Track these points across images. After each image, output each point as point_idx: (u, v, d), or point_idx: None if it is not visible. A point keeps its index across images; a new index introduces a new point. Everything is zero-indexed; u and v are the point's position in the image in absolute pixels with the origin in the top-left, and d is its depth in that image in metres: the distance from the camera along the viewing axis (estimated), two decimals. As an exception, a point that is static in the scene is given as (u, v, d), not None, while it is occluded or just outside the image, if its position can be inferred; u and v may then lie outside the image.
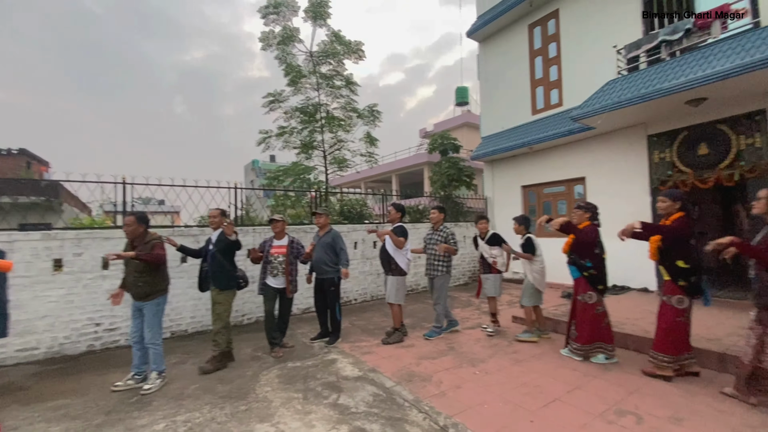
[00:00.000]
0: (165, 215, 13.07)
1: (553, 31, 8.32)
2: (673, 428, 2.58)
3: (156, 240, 3.53)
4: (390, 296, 4.74)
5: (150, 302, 3.48)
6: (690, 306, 3.28)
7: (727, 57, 4.79)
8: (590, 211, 3.95)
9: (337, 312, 4.69)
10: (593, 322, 3.85)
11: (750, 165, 5.38)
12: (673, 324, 3.31)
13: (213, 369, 3.81)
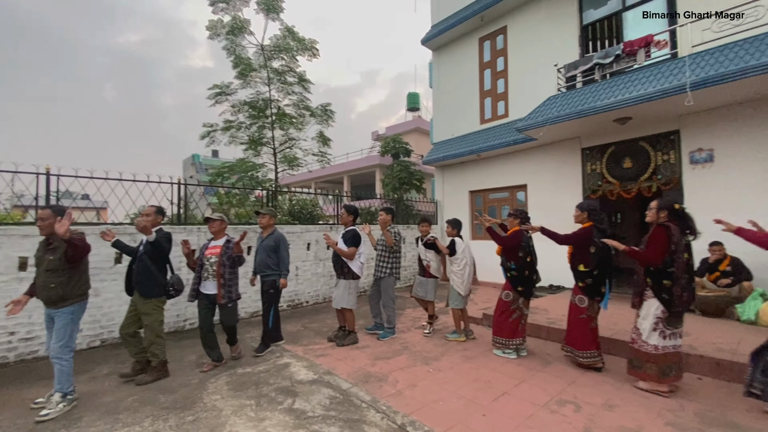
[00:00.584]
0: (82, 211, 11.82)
1: (502, 46, 8.85)
2: (607, 414, 2.86)
3: (77, 235, 3.05)
4: (342, 301, 4.63)
5: (63, 310, 3.00)
6: (591, 305, 3.65)
7: (649, 82, 5.44)
8: (518, 217, 4.25)
9: (270, 318, 4.38)
10: (504, 317, 4.16)
11: (665, 179, 6.15)
12: (576, 321, 3.71)
13: (152, 380, 3.51)
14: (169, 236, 3.65)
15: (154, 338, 3.54)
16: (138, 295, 3.54)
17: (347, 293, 4.64)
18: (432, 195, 20.71)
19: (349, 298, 4.65)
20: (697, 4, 5.74)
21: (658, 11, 6.39)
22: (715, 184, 5.63)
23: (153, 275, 3.54)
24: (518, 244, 4.12)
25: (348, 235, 4.64)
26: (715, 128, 5.69)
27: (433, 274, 5.02)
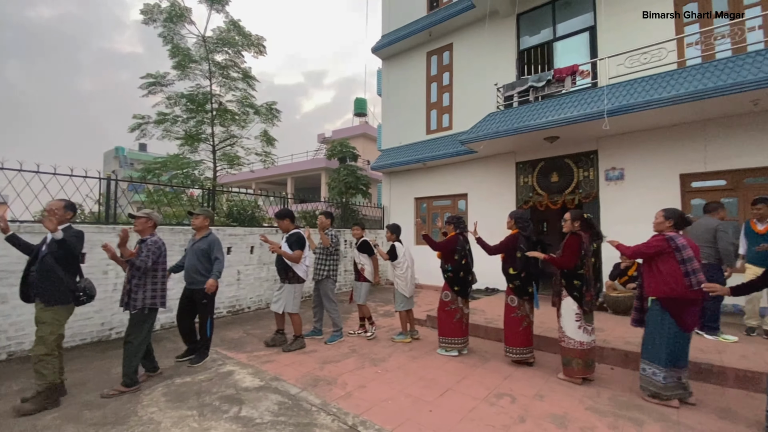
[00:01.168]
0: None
1: (448, 62, 9.35)
2: (539, 403, 3.17)
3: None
4: (287, 305, 4.52)
5: None
6: (521, 304, 4.05)
7: (574, 106, 6.13)
8: (452, 223, 4.58)
9: (208, 327, 4.07)
10: (447, 317, 4.45)
11: (585, 193, 6.94)
12: (509, 319, 4.10)
13: (36, 409, 2.87)
14: (80, 235, 3.20)
15: (43, 354, 2.95)
16: (38, 302, 3.03)
17: (292, 297, 4.54)
18: (378, 200, 21.03)
19: (294, 303, 4.56)
20: (613, 42, 6.62)
21: (582, 44, 7.24)
22: (624, 198, 6.48)
23: (58, 279, 3.05)
24: (453, 248, 4.42)
25: (293, 238, 4.54)
26: (625, 150, 6.56)
27: (366, 278, 5.09)
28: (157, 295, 3.50)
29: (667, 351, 3.09)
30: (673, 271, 3.05)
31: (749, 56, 5.01)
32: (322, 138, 28.07)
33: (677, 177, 6.06)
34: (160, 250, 3.51)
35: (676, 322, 3.08)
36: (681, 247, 3.06)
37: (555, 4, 7.68)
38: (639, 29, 6.42)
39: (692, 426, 2.79)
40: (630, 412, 3.02)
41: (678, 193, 6.02)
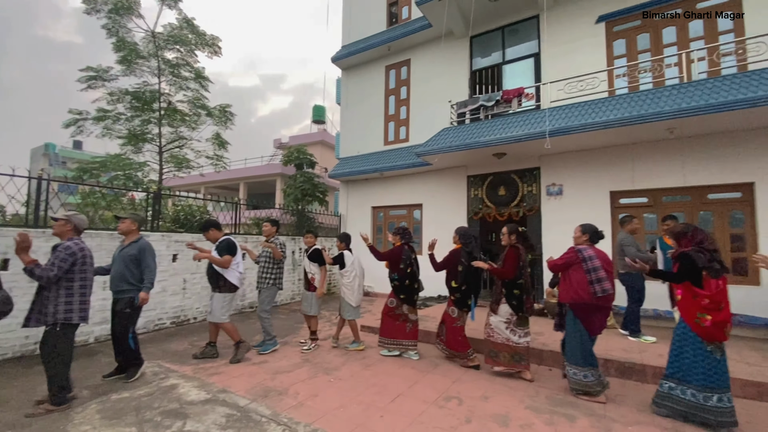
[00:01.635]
0: None
1: (406, 77, 9.67)
2: (484, 404, 3.35)
3: None
4: (214, 314, 4.35)
5: None
6: (461, 315, 4.34)
7: (519, 126, 6.60)
8: (398, 234, 4.82)
9: (130, 339, 3.74)
10: (391, 321, 4.69)
11: (529, 206, 7.45)
12: (451, 328, 4.38)
13: None
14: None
15: None
16: None
17: (220, 306, 4.36)
18: (335, 208, 20.92)
19: (222, 311, 4.37)
20: (555, 68, 7.25)
21: (528, 69, 7.83)
22: (563, 212, 7.03)
23: None
24: (399, 258, 4.64)
25: (222, 245, 4.40)
26: (564, 168, 7.15)
27: (317, 287, 5.03)
28: (74, 309, 3.10)
29: (582, 352, 3.47)
30: (581, 279, 3.44)
31: (666, 89, 5.73)
32: (279, 143, 27.52)
33: (608, 194, 6.70)
34: (74, 256, 3.10)
35: (584, 327, 3.46)
36: (588, 258, 3.46)
37: (504, 30, 8.26)
38: (577, 59, 7.09)
39: (616, 419, 3.10)
40: (564, 408, 3.28)
41: (608, 208, 6.66)
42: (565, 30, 7.37)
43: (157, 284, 5.77)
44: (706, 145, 5.96)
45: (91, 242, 5.02)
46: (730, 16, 6.09)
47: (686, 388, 3.00)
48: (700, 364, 2.95)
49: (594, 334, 3.50)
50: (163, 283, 5.93)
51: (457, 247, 4.43)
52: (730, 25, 6.10)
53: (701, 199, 6.06)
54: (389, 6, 10.30)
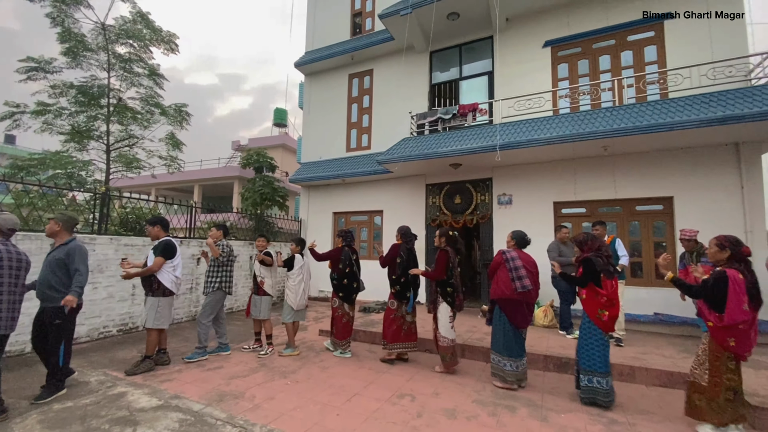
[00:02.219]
0: None
1: (368, 86, 9.90)
2: (434, 400, 3.56)
3: None
4: (147, 320, 4.16)
5: None
6: (399, 307, 4.64)
7: (474, 139, 7.02)
8: (341, 236, 5.12)
9: (60, 355, 3.41)
10: (336, 320, 4.96)
11: (482, 214, 7.89)
12: (389, 319, 4.67)
13: None
14: None
15: None
16: None
17: (154, 312, 4.18)
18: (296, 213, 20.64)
19: (156, 318, 4.18)
20: (506, 87, 7.79)
21: (483, 85, 8.34)
22: (512, 220, 7.52)
23: None
24: (338, 258, 4.93)
25: (159, 246, 4.24)
26: (513, 179, 7.67)
27: (267, 291, 5.02)
28: (1, 317, 2.93)
29: (504, 343, 3.89)
30: (505, 277, 3.89)
31: (602, 111, 6.37)
32: (237, 145, 26.76)
33: (551, 204, 7.28)
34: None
35: (509, 320, 3.88)
36: (511, 258, 3.96)
37: (462, 48, 8.74)
38: (526, 79, 7.67)
39: (551, 408, 3.43)
40: (506, 401, 3.57)
41: (552, 217, 7.23)
42: (516, 52, 7.96)
43: (103, 290, 5.54)
44: (634, 162, 6.67)
45: (30, 245, 4.71)
46: (655, 49, 6.90)
47: (592, 376, 3.48)
48: (603, 353, 3.45)
49: (520, 327, 3.90)
50: (110, 289, 5.65)
51: (398, 242, 4.79)
52: (655, 57, 6.91)
53: (630, 211, 6.77)
54: (353, 16, 10.52)
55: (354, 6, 10.55)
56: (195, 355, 4.64)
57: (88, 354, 4.76)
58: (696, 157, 6.29)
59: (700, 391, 2.97)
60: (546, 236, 6.67)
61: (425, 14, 7.99)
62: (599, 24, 7.27)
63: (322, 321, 7.00)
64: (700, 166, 6.25)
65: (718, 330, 2.86)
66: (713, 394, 2.89)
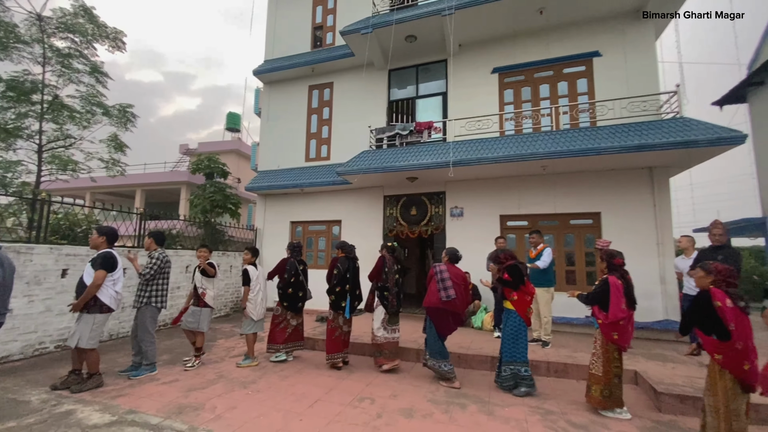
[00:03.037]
0: None
1: (328, 98, 10.09)
2: (393, 401, 3.80)
3: None
4: (81, 339, 3.83)
5: None
6: (335, 317, 4.95)
7: (429, 155, 7.46)
8: (289, 249, 5.39)
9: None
10: (274, 327, 5.20)
11: (436, 225, 8.35)
12: (328, 330, 4.98)
13: None
14: None
15: None
16: None
17: (89, 329, 3.88)
18: (248, 221, 20.02)
19: (92, 336, 3.90)
20: (459, 107, 8.38)
21: (438, 105, 8.89)
22: (464, 231, 8.05)
23: None
24: (283, 269, 5.20)
25: (97, 259, 3.99)
26: (465, 193, 8.23)
27: (208, 303, 4.93)
28: None
29: (437, 348, 4.39)
30: (434, 288, 4.38)
31: (541, 135, 7.10)
32: (185, 149, 25.52)
33: (498, 217, 7.91)
34: None
35: (435, 327, 4.37)
36: (439, 272, 4.48)
37: (418, 68, 9.26)
38: (476, 101, 8.31)
39: (497, 403, 3.80)
40: (458, 399, 3.90)
41: (498, 229, 7.85)
42: (467, 75, 8.60)
43: (40, 303, 5.18)
44: (569, 181, 7.48)
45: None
46: (586, 82, 7.83)
47: (519, 366, 4.09)
48: (526, 345, 4.12)
49: (443, 334, 4.38)
50: (47, 302, 5.26)
51: (339, 255, 5.10)
52: (586, 89, 7.84)
53: (565, 224, 7.55)
54: (314, 29, 10.71)
55: (315, 19, 10.75)
56: (142, 372, 4.42)
57: (23, 372, 4.42)
58: (619, 179, 7.20)
59: (597, 381, 3.59)
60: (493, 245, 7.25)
61: (385, 35, 8.40)
62: (540, 56, 8.10)
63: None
64: (622, 187, 7.17)
65: (605, 326, 3.53)
66: (606, 381, 3.53)
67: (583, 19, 7.80)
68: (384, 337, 4.80)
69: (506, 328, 4.16)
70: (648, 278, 6.71)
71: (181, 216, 14.30)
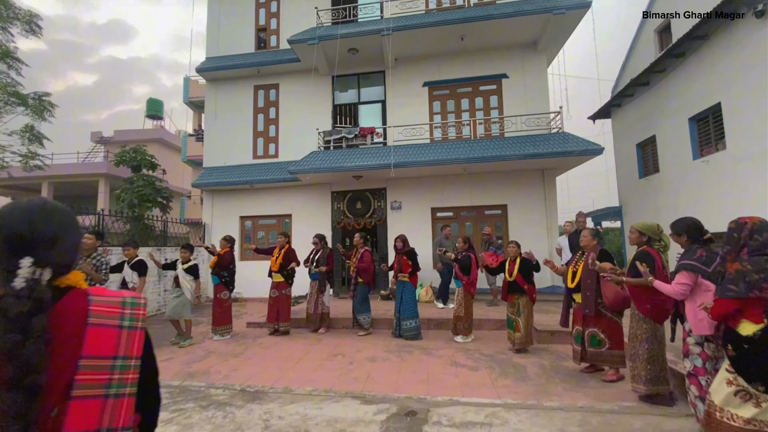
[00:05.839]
0: None
1: (274, 99, 10.71)
2: (359, 354, 5.05)
3: None
4: None
5: None
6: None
7: (372, 157, 8.69)
8: (228, 241, 6.34)
9: None
10: (226, 311, 6.17)
11: (378, 217, 9.67)
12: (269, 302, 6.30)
13: None
14: None
15: None
16: None
17: None
18: (181, 215, 19.35)
19: None
20: (396, 115, 9.70)
21: (378, 111, 10.12)
22: (402, 222, 9.46)
23: None
24: (231, 260, 6.21)
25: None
26: (403, 189, 9.64)
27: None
28: None
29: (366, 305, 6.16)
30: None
31: (462, 143, 8.73)
32: (99, 137, 23.40)
33: (429, 209, 9.48)
34: None
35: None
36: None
37: (360, 76, 10.36)
38: (411, 110, 9.70)
39: (433, 348, 5.25)
40: (406, 349, 5.28)
41: (429, 219, 9.43)
42: (403, 86, 9.94)
43: None
44: (483, 179, 9.28)
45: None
46: (497, 98, 9.66)
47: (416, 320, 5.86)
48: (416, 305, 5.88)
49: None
50: None
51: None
52: (497, 105, 9.67)
53: (481, 214, 9.39)
54: (258, 31, 11.13)
55: (258, 21, 11.16)
56: None
57: None
58: (520, 178, 9.18)
59: (460, 319, 5.51)
60: (426, 232, 8.85)
61: (330, 46, 9.33)
62: (462, 74, 9.74)
63: (242, 317, 7.75)
64: (522, 184, 9.16)
65: (467, 285, 5.47)
66: (467, 318, 5.48)
67: (494, 46, 9.56)
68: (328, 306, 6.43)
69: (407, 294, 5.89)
70: (540, 254, 8.74)
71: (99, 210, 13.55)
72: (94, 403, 0.81)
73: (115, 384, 0.83)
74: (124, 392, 0.84)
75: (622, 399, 3.45)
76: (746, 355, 2.07)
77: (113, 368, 0.84)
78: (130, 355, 0.87)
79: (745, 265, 2.09)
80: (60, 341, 0.81)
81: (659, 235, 3.35)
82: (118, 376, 0.84)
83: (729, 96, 6.92)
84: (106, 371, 0.83)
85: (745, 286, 2.05)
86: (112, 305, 0.88)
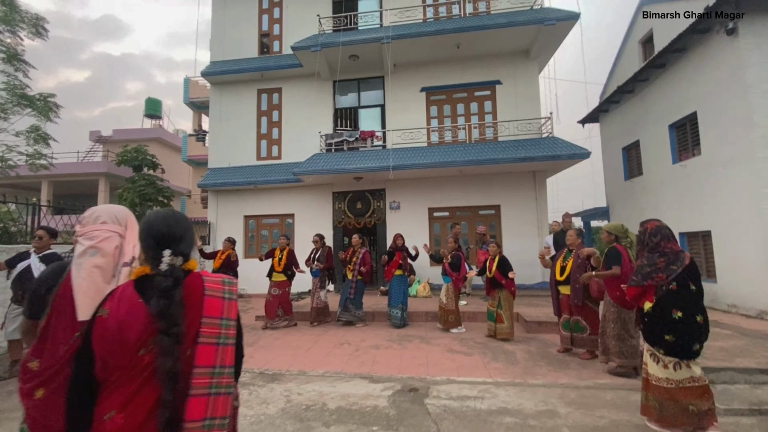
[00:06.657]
0: None
1: (278, 102, 11.10)
2: (364, 343, 5.50)
3: None
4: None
5: None
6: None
7: (373, 160, 9.14)
8: (232, 243, 6.86)
9: None
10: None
11: (378, 217, 10.13)
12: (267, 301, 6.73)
13: None
14: None
15: None
16: None
17: None
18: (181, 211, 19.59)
19: None
20: (395, 119, 10.15)
21: (378, 115, 10.56)
22: (401, 221, 9.92)
23: None
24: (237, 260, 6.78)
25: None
26: (401, 190, 10.10)
27: None
28: None
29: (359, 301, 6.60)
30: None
31: (458, 146, 9.21)
32: (98, 136, 23.56)
33: (426, 209, 9.96)
34: None
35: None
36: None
37: (360, 81, 10.80)
38: (409, 115, 10.16)
39: (431, 338, 5.72)
40: (407, 338, 5.75)
41: (426, 219, 9.90)
42: (401, 91, 10.39)
43: None
44: (479, 181, 9.77)
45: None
46: (491, 104, 10.15)
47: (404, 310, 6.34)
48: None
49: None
50: None
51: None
52: (491, 110, 10.16)
53: (476, 214, 9.88)
54: (261, 36, 11.51)
55: (261, 27, 11.54)
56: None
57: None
58: (513, 180, 9.68)
59: (449, 312, 5.99)
60: (423, 231, 9.33)
61: (332, 53, 9.74)
62: (458, 80, 10.21)
63: (249, 312, 8.16)
64: (515, 186, 9.67)
65: (456, 280, 5.93)
66: (454, 310, 5.95)
67: (489, 54, 10.05)
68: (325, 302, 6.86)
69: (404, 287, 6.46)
70: (530, 252, 9.28)
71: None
72: (211, 348, 1.25)
73: (222, 336, 1.26)
74: (228, 342, 1.27)
75: (598, 378, 3.95)
76: (647, 325, 2.78)
77: (221, 325, 1.27)
78: (231, 318, 1.30)
79: (643, 260, 2.83)
80: (189, 306, 1.26)
81: (625, 234, 3.91)
82: (224, 331, 1.27)
83: (704, 106, 7.46)
84: (216, 327, 1.26)
85: (641, 277, 2.77)
86: (217, 283, 1.32)
